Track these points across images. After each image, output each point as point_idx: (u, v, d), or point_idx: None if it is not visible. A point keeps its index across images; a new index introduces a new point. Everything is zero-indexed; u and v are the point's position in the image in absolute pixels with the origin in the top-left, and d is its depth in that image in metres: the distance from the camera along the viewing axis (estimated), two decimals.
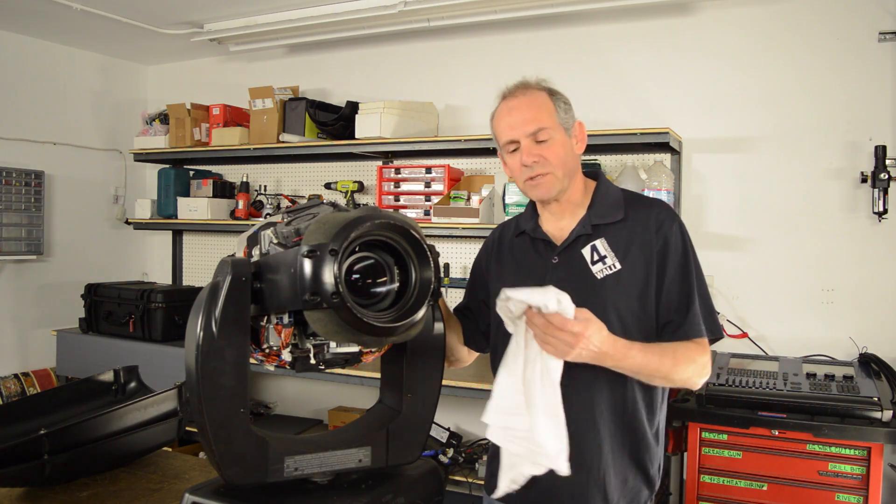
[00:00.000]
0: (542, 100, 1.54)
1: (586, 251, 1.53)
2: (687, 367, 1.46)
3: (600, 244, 1.52)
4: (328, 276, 1.11)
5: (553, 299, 1.27)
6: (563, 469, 1.31)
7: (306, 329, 1.25)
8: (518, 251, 1.64)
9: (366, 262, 1.22)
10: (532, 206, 1.66)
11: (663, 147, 3.16)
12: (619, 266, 1.50)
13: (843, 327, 3.02)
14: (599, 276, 1.50)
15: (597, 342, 1.31)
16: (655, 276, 1.51)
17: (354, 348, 1.30)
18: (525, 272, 1.59)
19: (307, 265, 1.12)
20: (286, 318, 1.24)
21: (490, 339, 1.68)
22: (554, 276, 1.53)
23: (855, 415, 2.43)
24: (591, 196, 1.60)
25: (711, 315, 1.53)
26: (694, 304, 1.50)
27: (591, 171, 1.66)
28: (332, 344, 1.28)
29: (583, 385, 1.46)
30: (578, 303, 1.32)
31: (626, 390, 1.51)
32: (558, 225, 1.60)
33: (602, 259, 1.51)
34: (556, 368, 1.32)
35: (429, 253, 1.23)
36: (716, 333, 1.53)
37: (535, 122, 1.51)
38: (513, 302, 1.31)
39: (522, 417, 1.30)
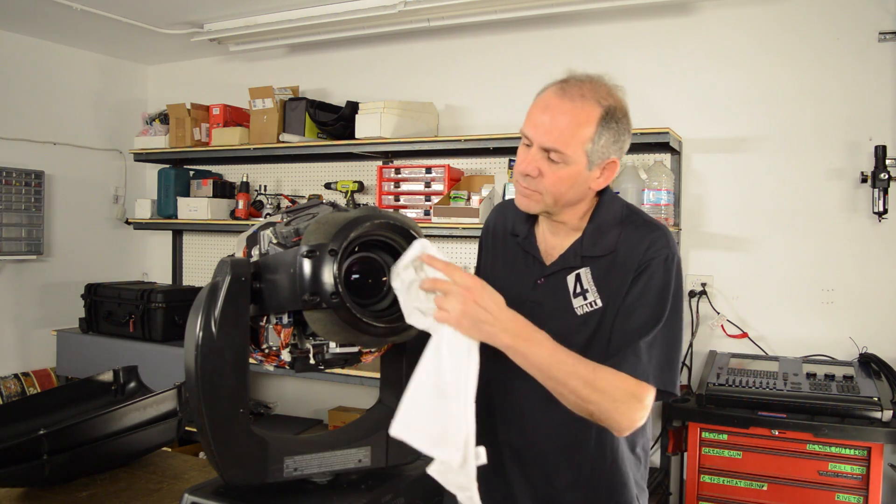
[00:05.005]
0: (586, 119, 1.33)
1: (570, 279, 1.42)
2: (603, 395, 1.23)
3: (584, 275, 1.41)
4: (327, 276, 1.11)
5: (430, 245, 1.16)
6: (482, 458, 1.13)
7: (306, 329, 1.25)
8: (510, 253, 1.56)
9: (365, 263, 1.22)
10: None
11: (663, 147, 3.16)
12: (599, 304, 1.38)
13: (843, 327, 3.01)
14: (579, 311, 1.40)
15: (488, 303, 1.17)
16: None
17: (354, 348, 1.30)
18: (513, 278, 1.51)
19: (306, 265, 1.12)
20: (285, 318, 1.25)
21: None
22: (534, 295, 1.45)
23: (855, 415, 2.43)
24: (590, 217, 1.44)
25: (670, 367, 1.32)
26: (643, 345, 1.29)
27: None
28: (332, 344, 1.28)
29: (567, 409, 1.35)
30: (557, 336, 1.22)
31: None
32: (552, 241, 1.48)
33: (584, 293, 1.40)
34: (466, 349, 1.16)
35: None
36: (667, 386, 1.30)
37: (555, 142, 1.31)
38: (399, 272, 1.17)
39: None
